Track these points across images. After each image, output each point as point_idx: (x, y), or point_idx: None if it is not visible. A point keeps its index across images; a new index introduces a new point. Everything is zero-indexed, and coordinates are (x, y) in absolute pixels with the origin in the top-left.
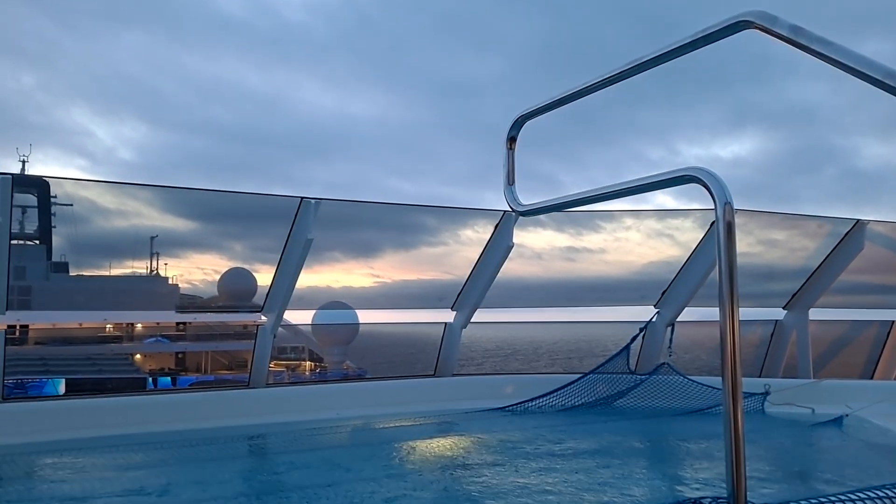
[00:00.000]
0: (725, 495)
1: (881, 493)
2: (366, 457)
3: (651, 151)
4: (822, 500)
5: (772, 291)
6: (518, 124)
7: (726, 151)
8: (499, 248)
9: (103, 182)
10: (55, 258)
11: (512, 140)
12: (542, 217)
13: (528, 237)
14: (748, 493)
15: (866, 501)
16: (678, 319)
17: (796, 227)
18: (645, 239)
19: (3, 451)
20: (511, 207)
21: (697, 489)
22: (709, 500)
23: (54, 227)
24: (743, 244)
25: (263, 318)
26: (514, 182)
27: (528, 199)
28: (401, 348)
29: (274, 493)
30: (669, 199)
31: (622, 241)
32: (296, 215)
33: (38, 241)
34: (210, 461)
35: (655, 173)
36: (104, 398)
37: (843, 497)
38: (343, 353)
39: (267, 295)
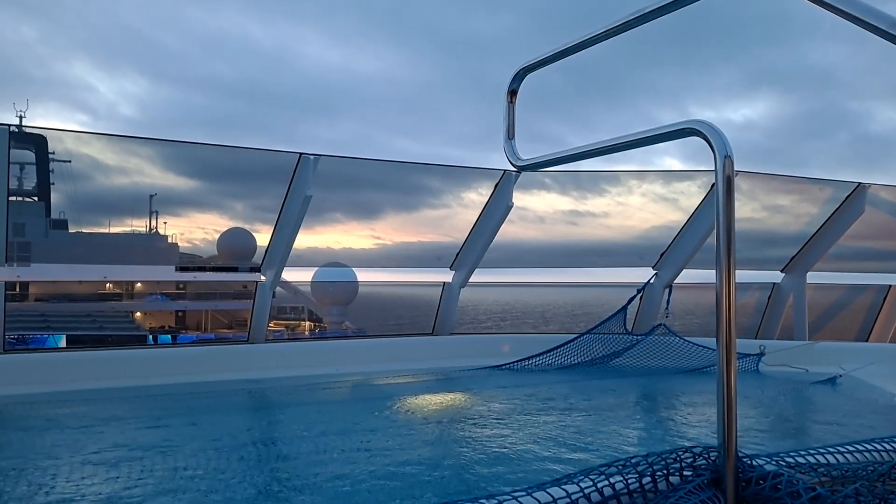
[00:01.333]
0: (716, 445)
1: (870, 447)
2: (364, 410)
3: (662, 114)
4: (811, 451)
5: (774, 257)
6: (519, 77)
7: (738, 115)
8: (498, 207)
9: (101, 135)
10: (54, 215)
11: (513, 93)
12: (546, 179)
13: (531, 200)
14: (739, 444)
15: (854, 454)
16: (676, 282)
17: (802, 192)
18: (649, 203)
19: (4, 401)
20: (510, 162)
21: (689, 441)
22: (700, 449)
23: (52, 183)
24: (747, 209)
25: (262, 276)
26: (513, 136)
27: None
28: (400, 310)
29: (272, 443)
30: (677, 164)
31: (626, 206)
32: (294, 171)
33: (36, 198)
34: (210, 413)
35: (656, 126)
36: (105, 350)
37: (831, 449)
38: (342, 313)
39: (266, 252)
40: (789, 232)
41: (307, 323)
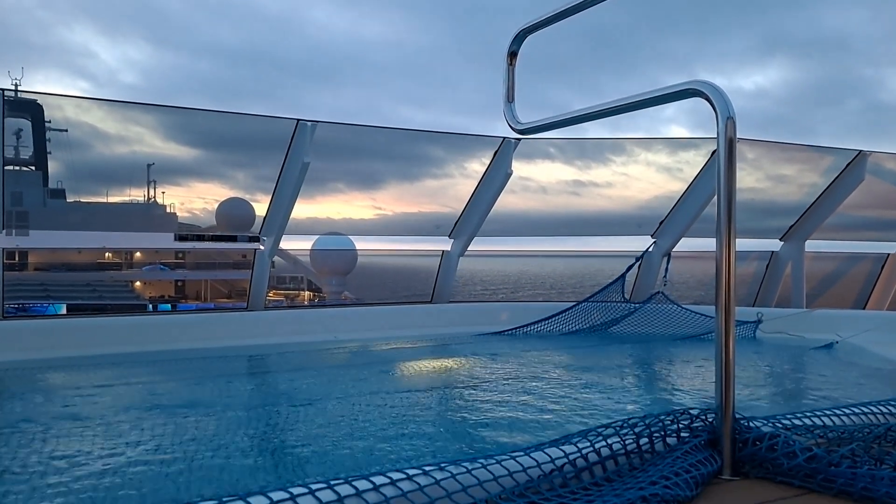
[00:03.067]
0: (713, 407)
1: (866, 409)
2: (362, 375)
3: (672, 81)
4: (808, 413)
5: (775, 227)
6: (519, 39)
7: (749, 82)
8: (497, 175)
9: (97, 100)
10: (52, 185)
11: (513, 55)
12: (550, 149)
13: (534, 170)
14: (735, 406)
15: (851, 416)
16: (674, 251)
17: (807, 161)
18: (653, 173)
19: (3, 367)
20: (510, 126)
21: (686, 405)
22: (697, 410)
23: (49, 152)
24: (751, 179)
25: (260, 244)
26: (513, 99)
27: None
28: (400, 282)
29: (270, 406)
30: (684, 132)
31: (629, 177)
32: (292, 138)
33: (33, 167)
34: (209, 379)
35: (658, 88)
36: (105, 317)
37: (827, 411)
38: (341, 283)
39: (264, 220)
40: (791, 202)
41: (306, 293)
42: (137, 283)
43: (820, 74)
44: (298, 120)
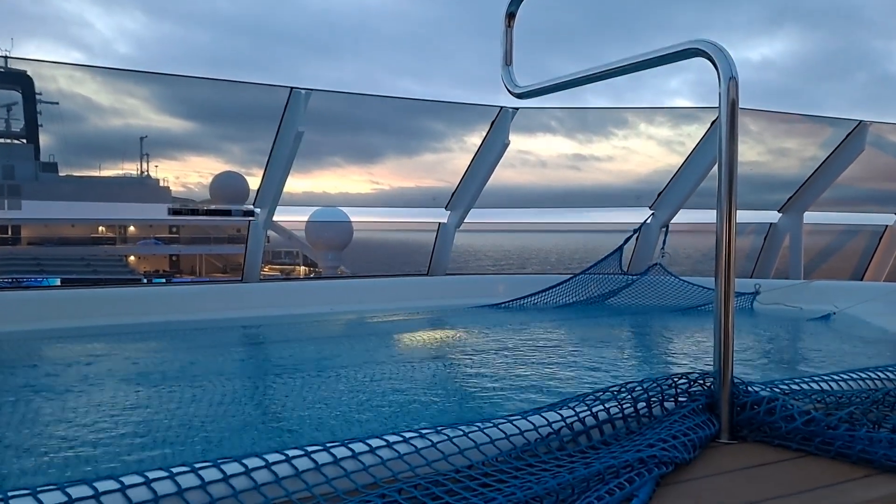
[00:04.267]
0: (712, 372)
1: (864, 375)
2: (358, 346)
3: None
4: (806, 378)
5: (775, 200)
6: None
7: (756, 53)
8: (494, 145)
9: (89, 67)
10: (43, 158)
11: (511, 16)
12: (552, 122)
13: (535, 143)
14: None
15: (849, 382)
16: (672, 223)
17: (811, 135)
18: (654, 147)
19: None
20: (508, 90)
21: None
22: (695, 375)
23: (41, 125)
24: (753, 153)
25: (255, 214)
26: (511, 62)
27: (542, 101)
28: (396, 258)
29: (268, 376)
30: (689, 103)
31: (630, 151)
32: (285, 107)
33: (24, 140)
34: (204, 349)
35: (659, 48)
36: (99, 289)
37: (825, 377)
38: (337, 258)
39: (258, 191)
40: (792, 175)
41: (302, 268)
42: (132, 258)
43: (828, 46)
44: (292, 88)
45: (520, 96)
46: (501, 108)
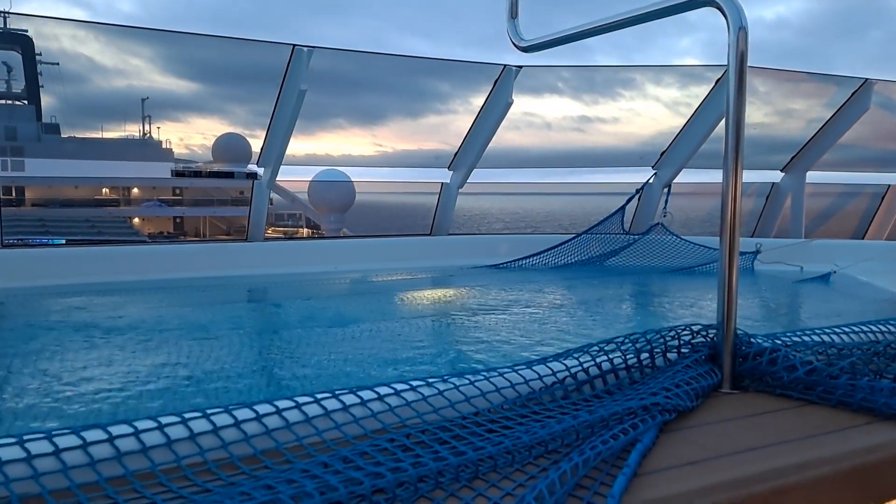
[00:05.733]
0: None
1: (866, 328)
2: (362, 304)
3: (690, 12)
4: (808, 331)
5: (779, 162)
6: None
7: (771, 12)
8: (498, 104)
9: (88, 23)
10: (45, 119)
11: None
12: (559, 83)
13: (540, 104)
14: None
15: (850, 335)
16: (675, 182)
17: (817, 95)
18: (661, 108)
19: (3, 294)
20: (513, 43)
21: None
22: (699, 327)
23: (42, 86)
24: (760, 114)
25: (258, 173)
26: (517, 15)
27: (547, 59)
28: (399, 220)
29: (272, 332)
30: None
31: (637, 113)
32: (288, 65)
33: (25, 102)
34: (209, 306)
35: None
36: (104, 247)
37: (827, 329)
38: (340, 220)
39: (261, 150)
40: (797, 137)
41: (305, 230)
42: (136, 220)
43: (845, 3)
44: (294, 45)
45: (525, 50)
46: (505, 66)
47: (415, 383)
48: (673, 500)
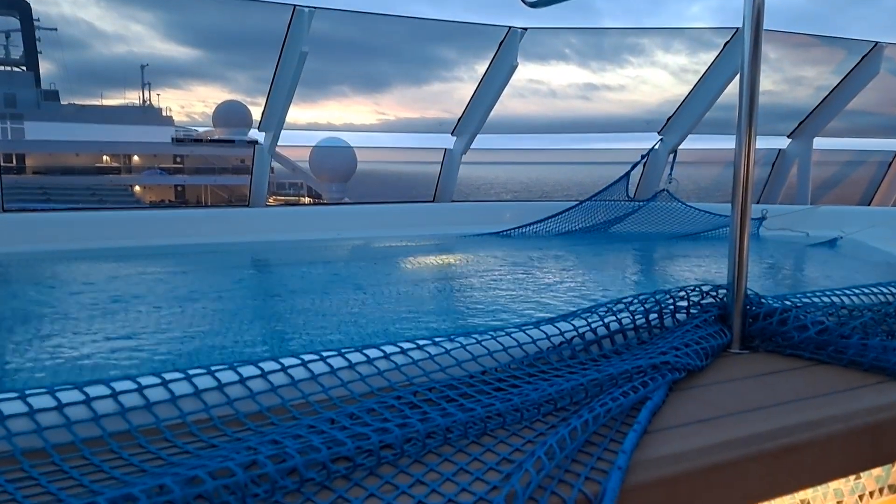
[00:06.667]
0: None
1: (876, 290)
2: (365, 270)
3: None
4: (818, 293)
5: (786, 129)
6: None
7: None
8: (502, 67)
9: None
10: (44, 86)
11: None
12: (566, 50)
13: (547, 72)
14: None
15: (861, 296)
16: (680, 149)
17: (828, 62)
18: (669, 77)
19: (5, 258)
20: None
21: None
22: (708, 287)
23: (40, 52)
24: (768, 81)
25: (259, 139)
26: None
27: (554, 21)
28: (401, 189)
29: (274, 298)
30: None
31: (644, 81)
32: (288, 26)
33: (24, 68)
34: (211, 271)
35: None
36: (104, 211)
37: (837, 291)
38: (342, 189)
39: (262, 115)
40: (804, 104)
41: (306, 199)
42: (137, 188)
43: None
44: (295, 6)
45: (533, 5)
46: (510, 28)
47: (421, 342)
48: (684, 457)
